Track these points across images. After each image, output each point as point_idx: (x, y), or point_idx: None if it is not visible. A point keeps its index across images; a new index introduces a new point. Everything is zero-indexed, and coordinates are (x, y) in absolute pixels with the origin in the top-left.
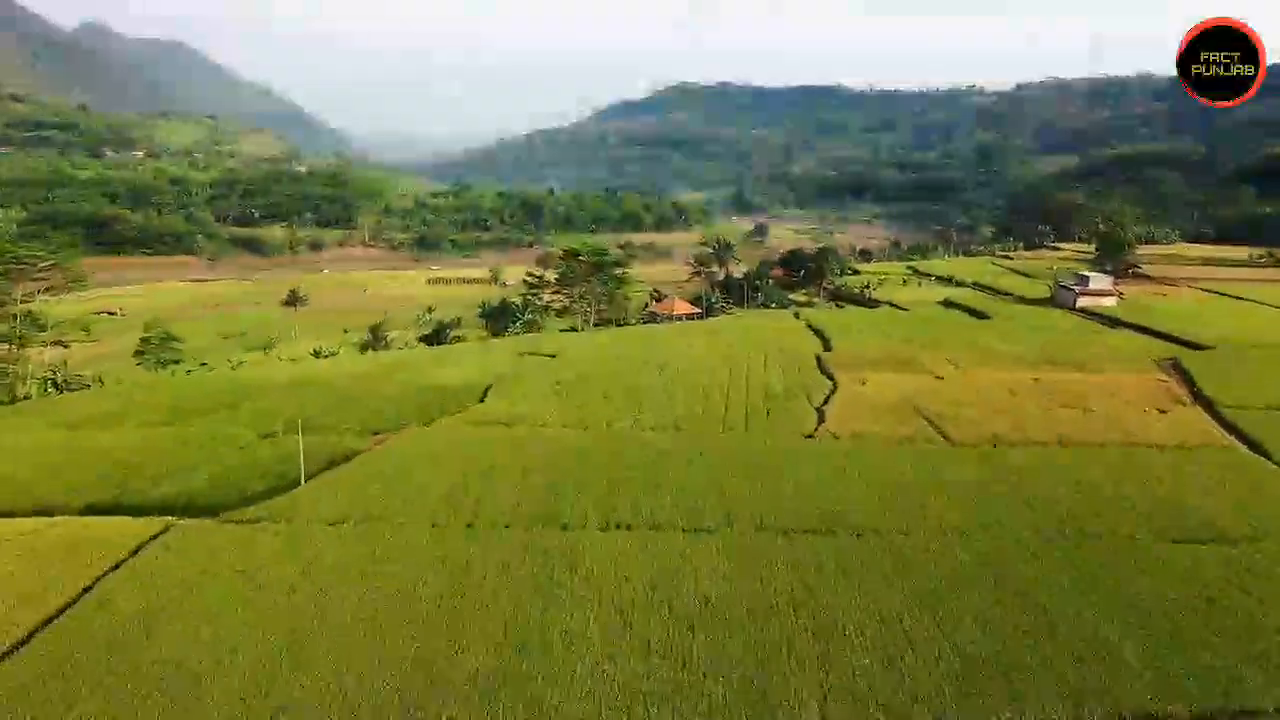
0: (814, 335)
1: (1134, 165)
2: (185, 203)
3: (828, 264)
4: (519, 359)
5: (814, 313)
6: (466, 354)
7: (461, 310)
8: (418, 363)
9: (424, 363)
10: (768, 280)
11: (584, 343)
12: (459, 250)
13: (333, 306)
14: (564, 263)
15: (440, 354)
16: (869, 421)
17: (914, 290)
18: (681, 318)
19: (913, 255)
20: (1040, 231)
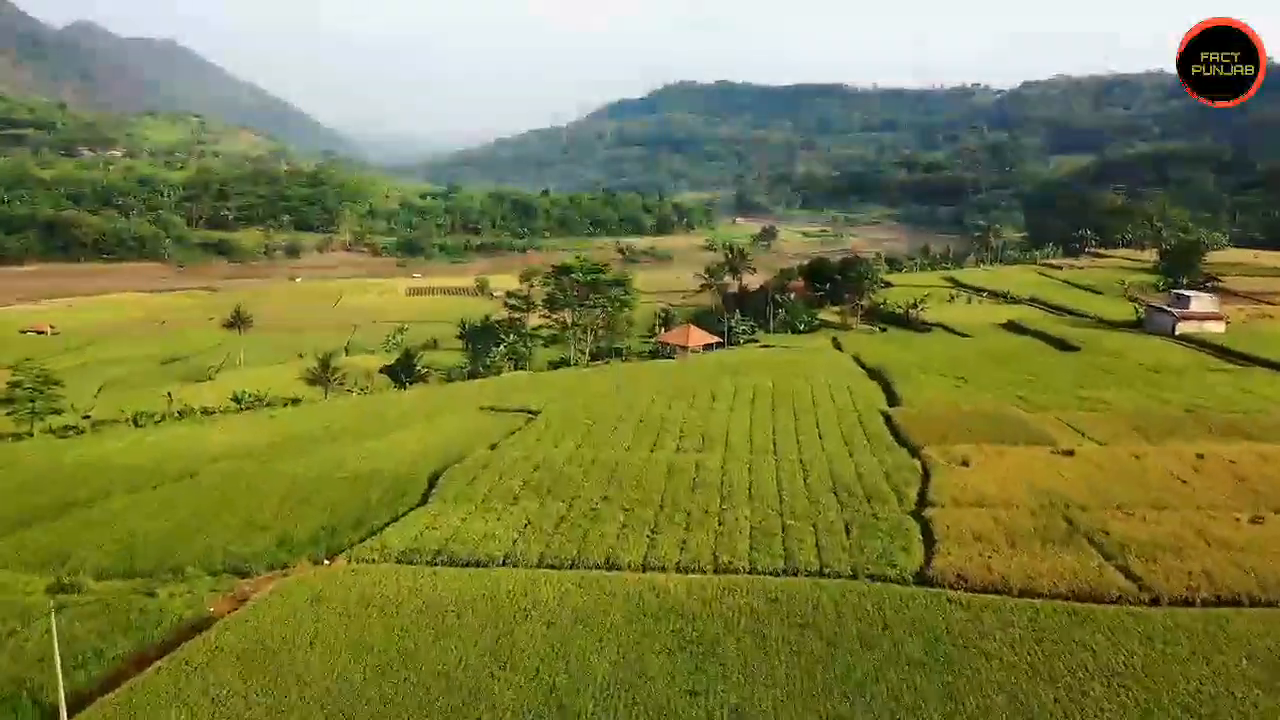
0: (868, 376)
1: (1159, 165)
2: (153, 204)
3: (862, 277)
4: (487, 418)
5: (858, 341)
6: (419, 408)
7: (440, 328)
8: (350, 426)
9: (360, 425)
10: (788, 294)
11: (574, 391)
12: (446, 255)
13: (296, 323)
14: (553, 281)
15: (387, 408)
16: (1004, 546)
17: (965, 309)
18: (698, 350)
19: (945, 263)
20: (1080, 236)
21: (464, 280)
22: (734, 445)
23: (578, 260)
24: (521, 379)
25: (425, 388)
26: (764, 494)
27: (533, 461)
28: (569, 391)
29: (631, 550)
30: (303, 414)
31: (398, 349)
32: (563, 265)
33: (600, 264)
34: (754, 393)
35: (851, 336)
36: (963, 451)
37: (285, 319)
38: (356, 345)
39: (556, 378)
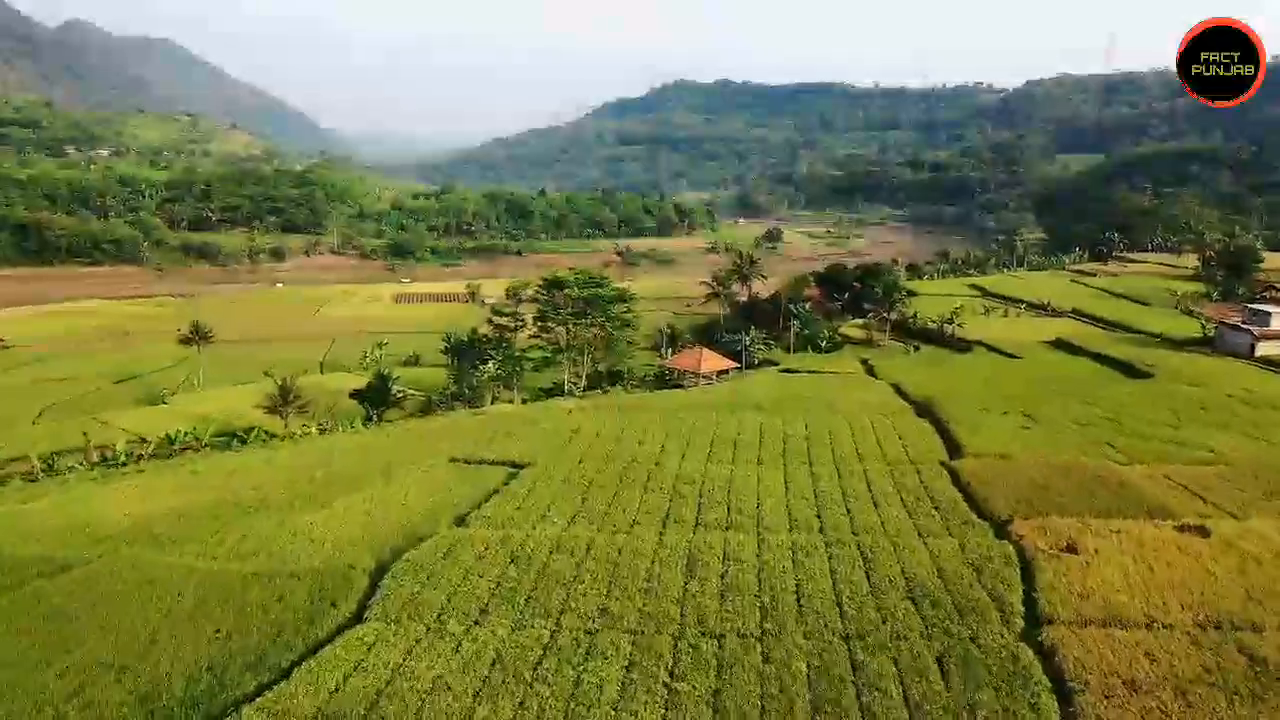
0: (915, 412)
1: (1174, 164)
2: (133, 205)
3: (891, 289)
4: (460, 474)
5: (892, 364)
6: (379, 457)
7: (425, 340)
8: (287, 487)
9: (300, 485)
10: (803, 303)
11: (566, 434)
12: (438, 258)
13: (271, 334)
14: (544, 296)
15: (340, 457)
16: (1172, 704)
17: (1003, 323)
18: (711, 377)
19: (967, 268)
20: (1107, 239)
21: (455, 286)
22: (769, 520)
23: (571, 272)
24: (507, 413)
25: (393, 426)
26: (818, 604)
27: (510, 547)
28: (561, 434)
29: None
30: (233, 467)
31: (376, 366)
32: (554, 277)
33: (598, 275)
34: (784, 438)
35: (882, 357)
36: (1064, 529)
37: (259, 330)
38: (332, 361)
39: (547, 413)
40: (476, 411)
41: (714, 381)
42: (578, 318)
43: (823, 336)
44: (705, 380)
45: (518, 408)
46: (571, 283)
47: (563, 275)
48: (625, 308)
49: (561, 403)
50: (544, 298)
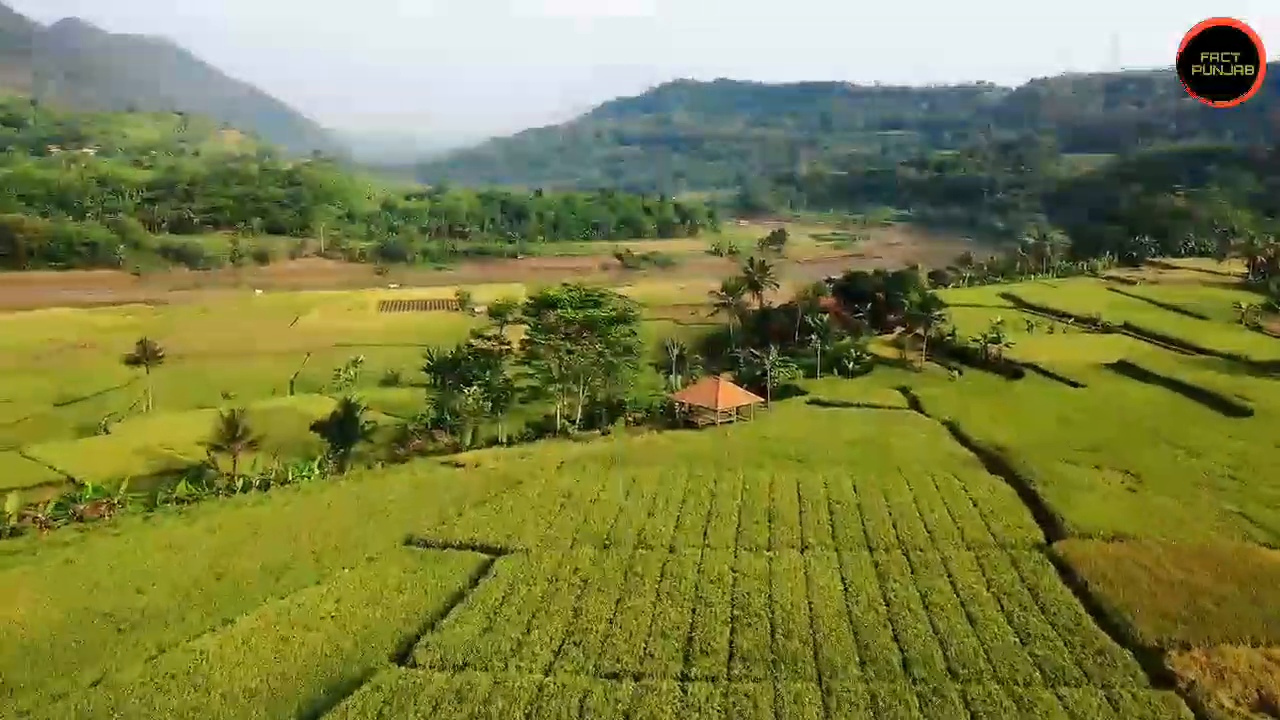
0: (984, 464)
1: (1191, 164)
2: (112, 206)
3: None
4: (415, 566)
5: (938, 394)
6: (309, 541)
7: (409, 355)
8: (178, 590)
9: (197, 587)
10: (821, 314)
11: (555, 501)
12: (430, 262)
13: (241, 348)
14: (532, 317)
15: (267, 534)
16: None
17: (1051, 341)
18: (730, 416)
19: (994, 275)
20: (1139, 243)
21: (444, 292)
22: (831, 650)
23: (564, 288)
24: (486, 466)
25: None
26: None
27: (469, 708)
28: (549, 502)
29: None
30: (119, 553)
31: (351, 386)
32: (543, 295)
33: (595, 291)
34: (831, 506)
35: (924, 384)
36: (1245, 668)
37: (229, 342)
38: (305, 379)
39: (533, 466)
40: (451, 459)
41: (733, 419)
42: (572, 342)
43: (849, 356)
44: (723, 418)
45: (500, 455)
46: (564, 301)
47: (554, 293)
48: (628, 330)
49: (552, 449)
50: (532, 319)
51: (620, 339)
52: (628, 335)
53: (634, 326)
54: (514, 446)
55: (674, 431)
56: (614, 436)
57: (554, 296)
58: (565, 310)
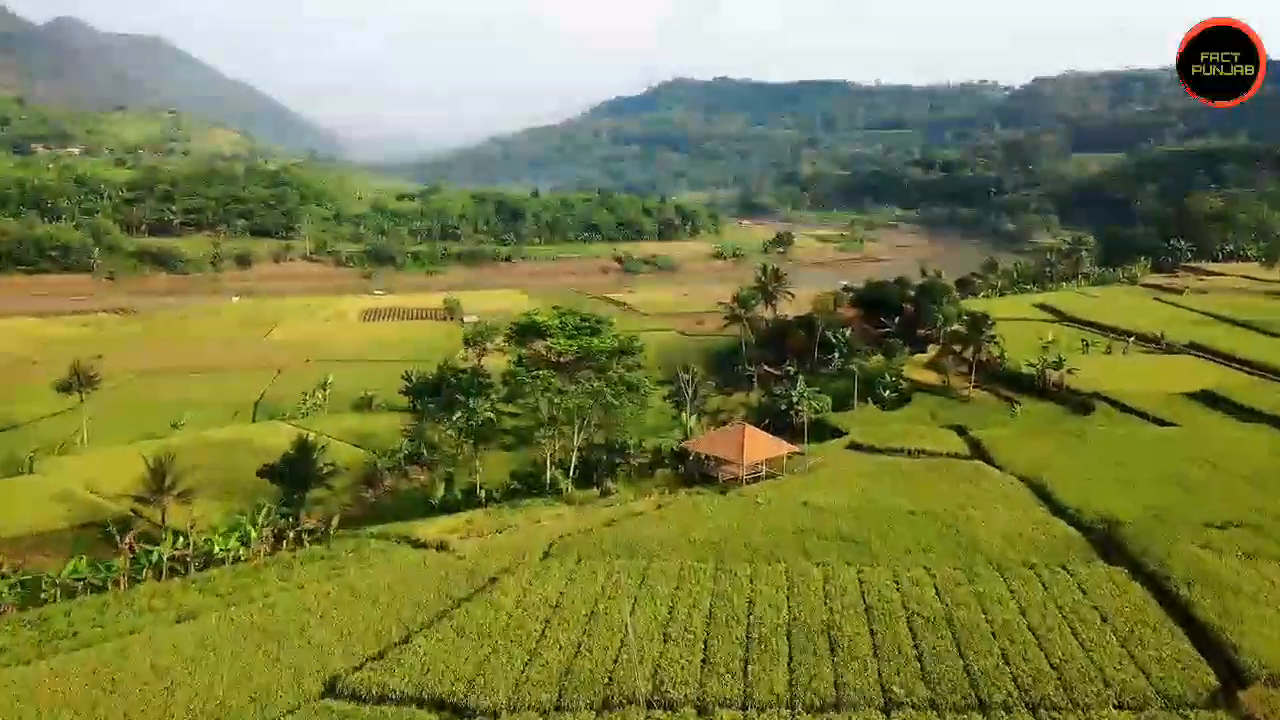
0: (1091, 544)
1: (1205, 164)
2: (89, 208)
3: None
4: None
5: (1010, 441)
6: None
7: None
8: None
9: None
10: (842, 328)
11: (533, 624)
12: (420, 265)
13: (207, 363)
14: (516, 349)
15: (120, 683)
16: None
17: (1112, 363)
18: (759, 473)
19: (1025, 283)
20: (1173, 248)
21: (432, 299)
22: None
23: (554, 314)
24: (453, 549)
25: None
26: None
27: None
28: (528, 618)
29: None
30: None
31: (319, 412)
32: (529, 322)
33: (592, 317)
34: (911, 623)
35: (979, 420)
36: None
37: (195, 357)
38: (271, 401)
39: (513, 550)
40: (410, 533)
41: (761, 474)
42: (565, 377)
43: (885, 382)
44: (749, 476)
45: (474, 524)
46: (554, 329)
47: (542, 319)
48: (633, 362)
49: (539, 515)
50: (517, 350)
51: (622, 375)
52: (632, 367)
53: (639, 358)
54: (494, 506)
55: (691, 494)
56: (616, 496)
57: (542, 323)
58: (556, 340)
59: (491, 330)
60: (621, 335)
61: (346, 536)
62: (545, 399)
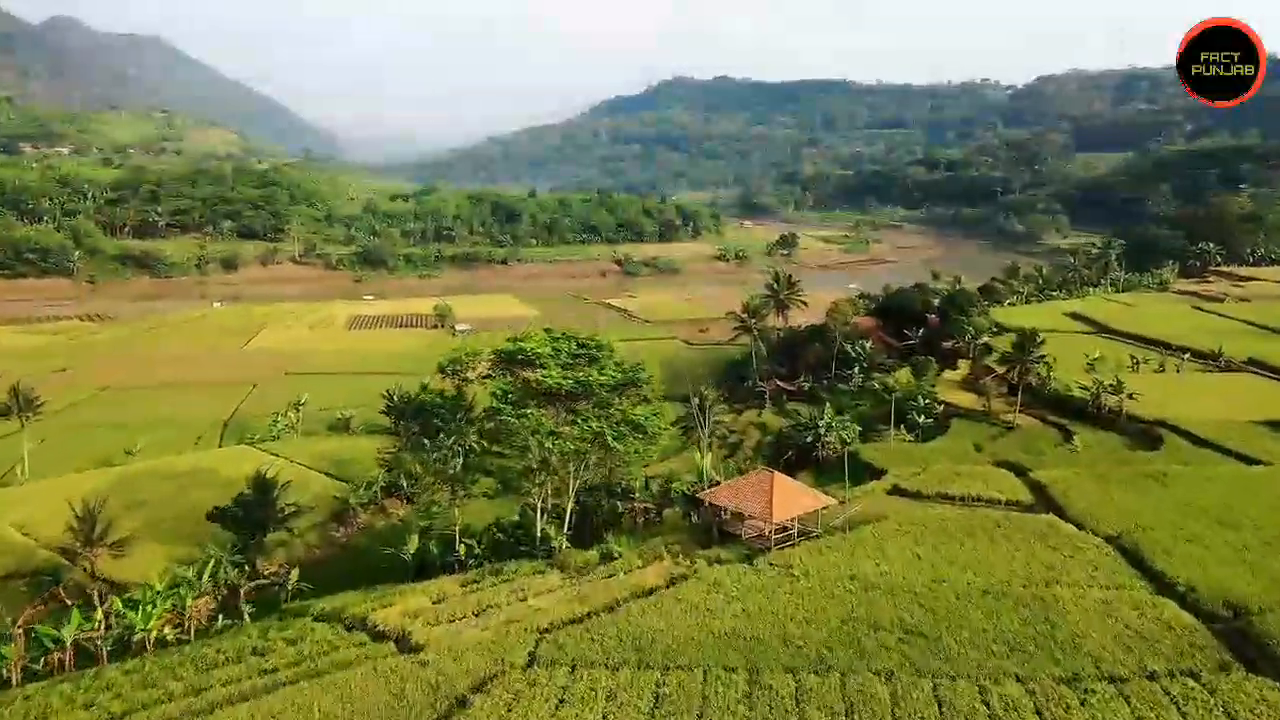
0: (1213, 640)
1: (1219, 163)
2: (71, 209)
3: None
4: None
5: (1078, 486)
6: None
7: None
8: None
9: None
10: (862, 342)
11: None
12: (413, 268)
13: (176, 377)
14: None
15: None
16: None
17: (1168, 383)
18: (791, 534)
19: (1051, 289)
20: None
21: (423, 305)
22: None
23: (546, 339)
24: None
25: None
26: None
27: None
28: None
29: None
30: None
31: (291, 434)
32: (516, 347)
33: (591, 341)
34: None
35: (1033, 455)
36: None
37: (166, 369)
38: (242, 419)
39: (493, 648)
40: (364, 615)
41: (793, 532)
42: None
43: (918, 405)
44: (779, 539)
45: (445, 602)
46: (546, 358)
47: (532, 346)
48: (639, 395)
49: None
50: (502, 384)
51: (628, 413)
52: (638, 402)
53: (647, 389)
54: (474, 568)
55: (711, 563)
56: (619, 561)
57: (532, 351)
58: (549, 373)
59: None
60: (626, 363)
61: (290, 617)
62: (535, 440)
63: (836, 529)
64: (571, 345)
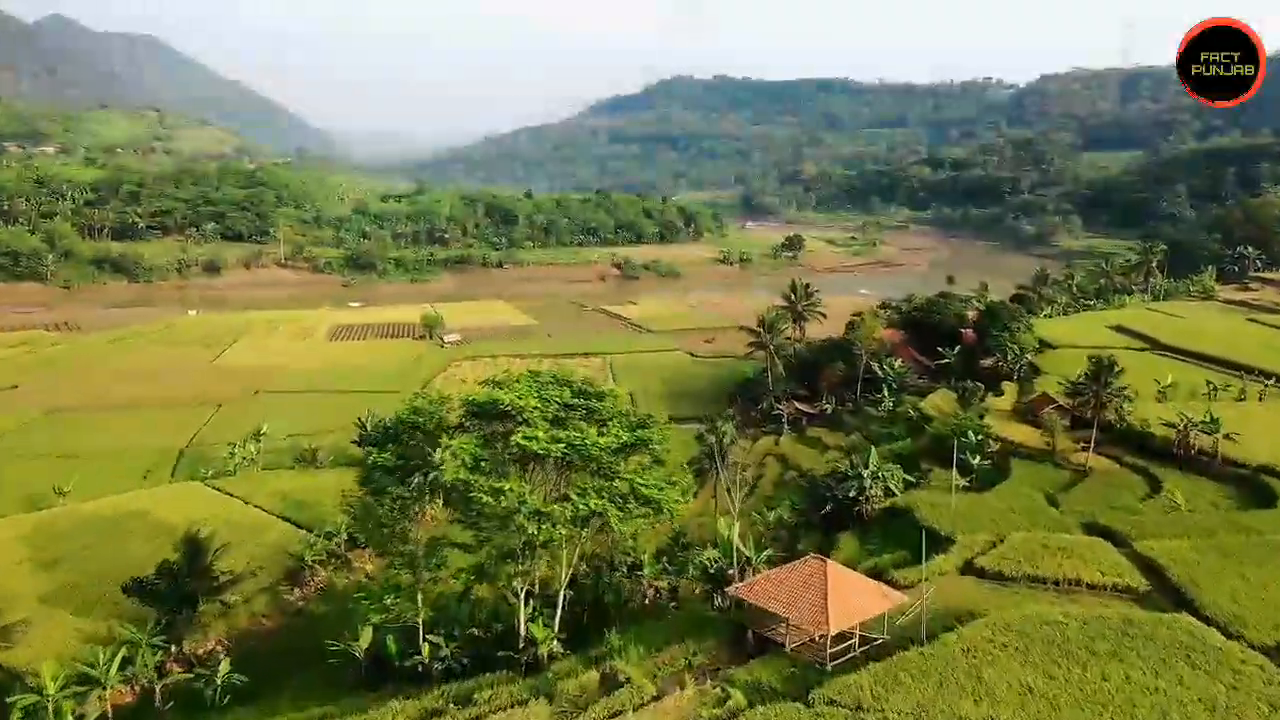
0: None
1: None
2: (48, 210)
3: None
4: None
5: (1197, 562)
6: None
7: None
8: None
9: None
10: (890, 360)
11: None
12: (404, 272)
13: (136, 397)
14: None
15: None
16: None
17: (1254, 415)
18: (851, 643)
19: (1089, 300)
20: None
21: (410, 313)
22: None
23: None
24: None
25: None
26: None
27: None
28: None
29: None
30: None
31: (250, 466)
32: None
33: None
34: None
35: (1117, 505)
36: None
37: (125, 387)
38: (197, 450)
39: None
40: None
41: (853, 642)
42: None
43: (970, 443)
44: (835, 649)
45: None
46: (530, 411)
47: (512, 399)
48: (648, 457)
49: None
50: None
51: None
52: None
53: (661, 446)
54: (433, 695)
55: (749, 692)
56: (626, 691)
57: (513, 405)
58: (534, 433)
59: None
60: (633, 412)
61: None
62: (517, 521)
63: (910, 641)
64: (564, 394)
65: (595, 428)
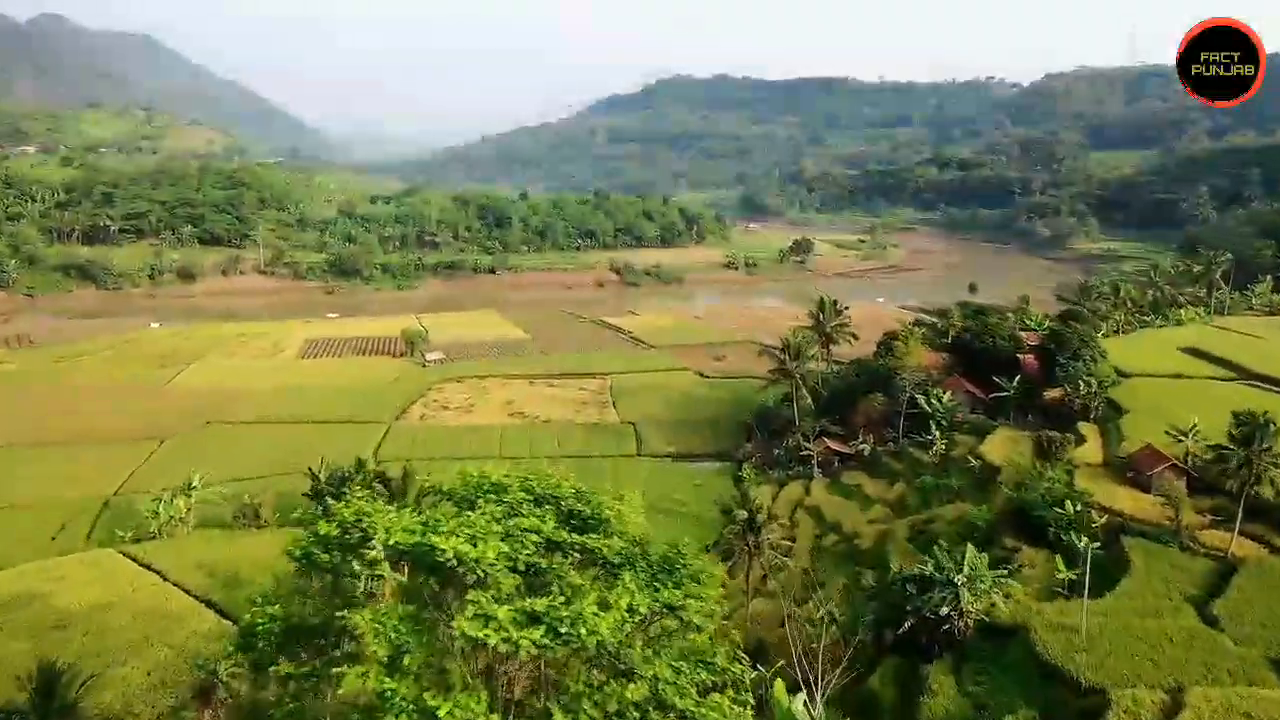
0: None
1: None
2: (15, 213)
3: (1102, 372)
4: None
5: None
6: None
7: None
8: None
9: None
10: (938, 394)
11: None
12: (391, 278)
13: (72, 430)
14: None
15: None
16: None
17: None
18: None
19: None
20: None
21: (392, 325)
22: None
23: (480, 516)
24: None
25: None
26: None
27: None
28: None
29: None
30: None
31: (180, 526)
32: (422, 536)
33: (587, 501)
34: None
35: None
36: None
37: (58, 421)
38: (127, 501)
39: None
40: None
41: None
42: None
43: (1069, 515)
44: None
45: None
46: (489, 567)
47: (454, 545)
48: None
49: None
50: (396, 622)
51: (663, 684)
52: (678, 656)
53: (698, 615)
54: None
55: None
56: None
57: (460, 558)
58: (492, 614)
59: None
60: (658, 555)
61: None
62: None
63: None
64: (546, 524)
65: (594, 587)
